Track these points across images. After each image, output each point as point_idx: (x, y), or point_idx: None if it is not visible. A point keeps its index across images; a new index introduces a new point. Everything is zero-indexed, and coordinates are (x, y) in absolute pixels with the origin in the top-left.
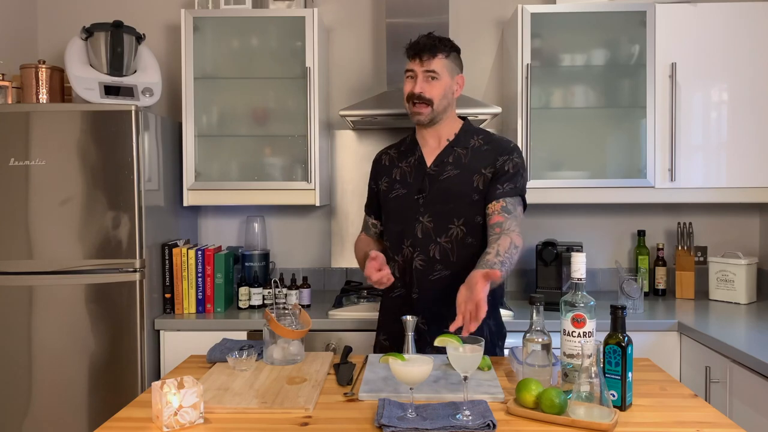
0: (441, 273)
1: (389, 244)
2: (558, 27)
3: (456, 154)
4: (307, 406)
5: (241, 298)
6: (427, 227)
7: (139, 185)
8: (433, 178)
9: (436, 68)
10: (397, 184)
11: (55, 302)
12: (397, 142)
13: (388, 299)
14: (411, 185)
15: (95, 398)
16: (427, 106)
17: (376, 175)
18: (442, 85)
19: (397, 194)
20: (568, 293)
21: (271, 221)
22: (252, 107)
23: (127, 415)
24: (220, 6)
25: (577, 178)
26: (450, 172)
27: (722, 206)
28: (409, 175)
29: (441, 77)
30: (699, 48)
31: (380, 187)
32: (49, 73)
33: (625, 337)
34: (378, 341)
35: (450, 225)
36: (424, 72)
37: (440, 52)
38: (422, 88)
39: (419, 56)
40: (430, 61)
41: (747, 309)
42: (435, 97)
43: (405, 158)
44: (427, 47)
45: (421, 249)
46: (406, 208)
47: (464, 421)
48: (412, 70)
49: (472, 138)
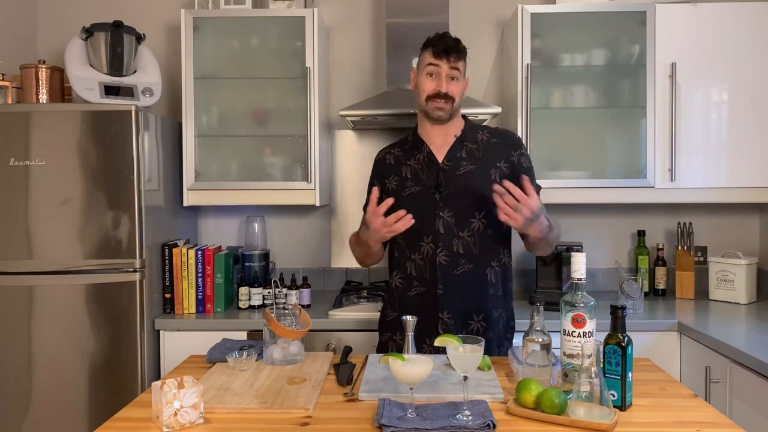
0: (465, 267)
1: (405, 242)
2: (558, 27)
3: (468, 148)
4: (307, 406)
5: (241, 298)
6: (448, 222)
7: (139, 185)
8: (448, 173)
9: (460, 67)
10: (409, 182)
11: (55, 302)
12: (398, 141)
13: (406, 298)
14: (425, 182)
15: (95, 398)
16: (449, 103)
17: (380, 174)
18: (461, 85)
19: (411, 191)
20: (568, 293)
21: (271, 221)
22: (252, 107)
23: (127, 415)
24: (220, 6)
25: (577, 178)
26: (466, 167)
27: (722, 206)
28: (421, 172)
29: (460, 77)
30: (699, 48)
31: (388, 186)
32: (49, 73)
33: (625, 337)
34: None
35: (471, 219)
36: (450, 70)
37: (463, 54)
38: (448, 87)
39: (447, 55)
40: (457, 61)
41: (747, 309)
42: (456, 95)
43: (412, 156)
44: (455, 48)
45: (444, 244)
46: (424, 204)
47: (464, 421)
48: (437, 65)
49: (477, 133)
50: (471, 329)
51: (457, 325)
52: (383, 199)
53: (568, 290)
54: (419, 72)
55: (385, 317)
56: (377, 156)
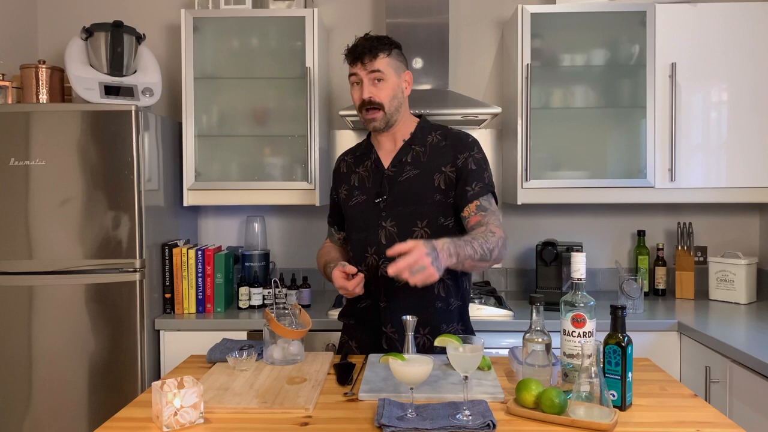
0: None
1: (352, 254)
2: (558, 27)
3: (414, 152)
4: (307, 406)
5: (241, 298)
6: (390, 232)
7: (139, 185)
8: (391, 179)
9: (380, 67)
10: (356, 191)
11: (55, 302)
12: (353, 147)
13: (357, 310)
14: (370, 190)
15: (95, 398)
16: (379, 111)
17: (336, 184)
18: (390, 86)
19: (357, 201)
20: (568, 293)
21: (271, 221)
22: (252, 107)
23: (127, 415)
24: (220, 6)
25: (577, 178)
26: (409, 173)
27: (722, 206)
28: (368, 180)
29: (387, 77)
30: (699, 48)
31: (341, 196)
32: (49, 73)
33: (625, 337)
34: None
35: (414, 228)
36: (368, 74)
37: (381, 52)
38: (371, 93)
39: (360, 59)
40: (372, 62)
41: (747, 309)
42: (384, 99)
43: (362, 163)
44: (367, 48)
45: (387, 257)
46: (367, 214)
47: (464, 421)
48: (355, 74)
49: (429, 135)
50: (417, 343)
51: (401, 340)
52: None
53: (568, 290)
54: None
55: (345, 318)
56: (334, 165)
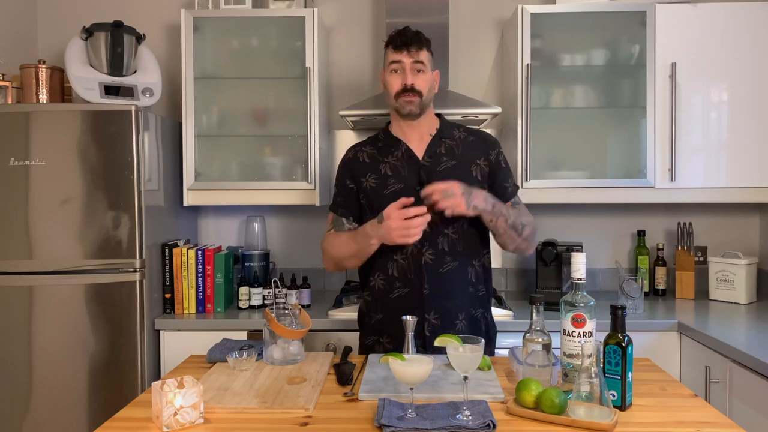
0: (450, 265)
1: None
2: (558, 27)
3: (447, 145)
4: (307, 406)
5: (241, 298)
6: (434, 220)
7: (139, 185)
8: (429, 169)
9: (423, 59)
10: (391, 180)
11: (55, 302)
12: (367, 139)
13: (388, 300)
14: (406, 178)
15: (95, 398)
16: (417, 97)
17: (353, 173)
18: (428, 78)
19: (394, 189)
20: (568, 293)
21: (271, 221)
22: (252, 107)
23: (127, 415)
24: (220, 6)
25: (577, 178)
26: (447, 164)
27: (722, 206)
28: (402, 169)
29: (426, 70)
30: (699, 48)
31: (365, 185)
32: (49, 73)
33: (625, 337)
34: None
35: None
36: (412, 63)
37: (425, 45)
38: (413, 80)
39: (407, 47)
40: (418, 52)
41: (747, 309)
42: (423, 88)
43: (389, 153)
44: (415, 39)
45: (430, 242)
46: None
47: (464, 421)
48: (399, 61)
49: (454, 130)
50: (456, 329)
51: (444, 326)
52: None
53: (568, 290)
54: (385, 71)
55: (369, 319)
56: (346, 155)
